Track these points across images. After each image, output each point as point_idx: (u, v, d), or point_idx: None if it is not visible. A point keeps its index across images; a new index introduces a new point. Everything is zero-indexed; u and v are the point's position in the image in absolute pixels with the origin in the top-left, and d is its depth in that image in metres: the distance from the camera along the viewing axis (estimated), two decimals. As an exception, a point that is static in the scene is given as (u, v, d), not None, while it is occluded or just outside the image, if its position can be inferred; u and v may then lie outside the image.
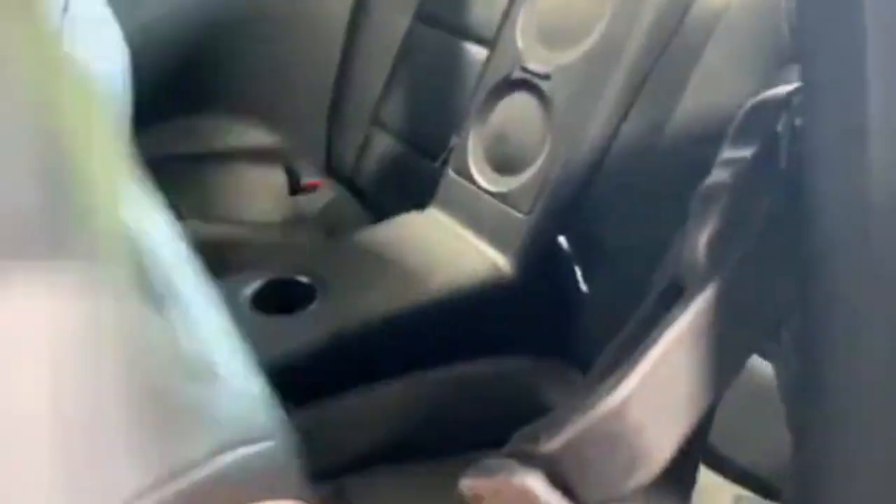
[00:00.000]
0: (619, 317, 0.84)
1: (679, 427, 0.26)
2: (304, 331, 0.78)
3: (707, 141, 0.79)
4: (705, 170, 0.80)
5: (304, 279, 0.84)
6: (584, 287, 0.85)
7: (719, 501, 0.76)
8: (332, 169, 1.35)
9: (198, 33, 1.28)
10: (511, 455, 0.25)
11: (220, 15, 1.29)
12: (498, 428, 0.84)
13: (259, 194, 1.34)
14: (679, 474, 0.27)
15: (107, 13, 0.79)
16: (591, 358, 0.86)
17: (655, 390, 0.26)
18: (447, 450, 0.81)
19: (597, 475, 0.23)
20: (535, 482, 0.23)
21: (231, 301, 0.81)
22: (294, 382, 0.77)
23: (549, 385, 0.87)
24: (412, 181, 1.20)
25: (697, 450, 0.30)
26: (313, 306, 0.81)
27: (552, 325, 0.89)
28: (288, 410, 0.74)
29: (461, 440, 0.82)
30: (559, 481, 0.23)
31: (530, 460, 0.24)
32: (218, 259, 1.21)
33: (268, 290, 0.83)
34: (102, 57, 0.76)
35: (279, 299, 0.82)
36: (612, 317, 0.84)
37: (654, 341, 0.28)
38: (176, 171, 1.27)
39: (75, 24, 0.73)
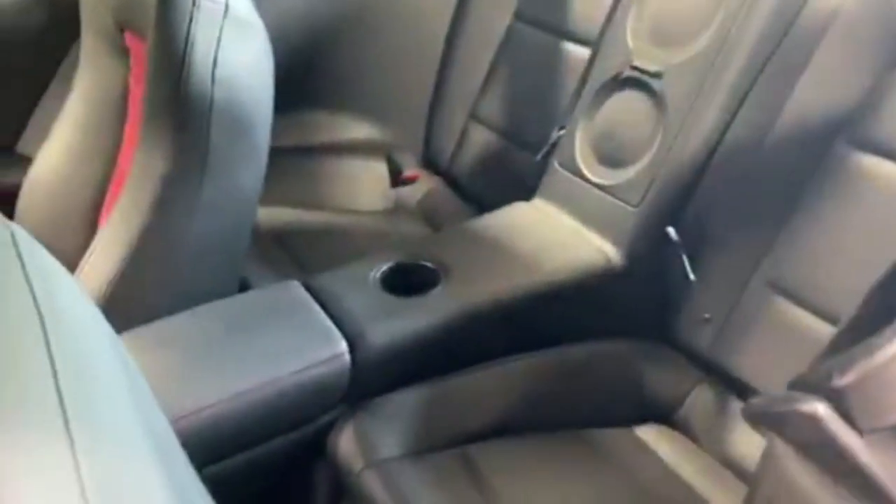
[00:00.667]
0: (724, 303, 0.89)
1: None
2: (433, 312, 0.85)
3: (815, 139, 0.83)
4: (812, 166, 0.83)
5: (428, 264, 0.91)
6: (691, 276, 0.89)
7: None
8: (429, 162, 1.42)
9: (307, 32, 1.36)
10: (795, 388, 0.30)
11: (327, 13, 1.37)
12: (607, 406, 0.90)
13: (363, 185, 1.42)
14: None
15: (254, 13, 0.86)
16: (695, 342, 0.90)
17: None
18: (561, 424, 0.87)
19: (876, 406, 0.28)
20: (822, 408, 0.28)
21: (361, 285, 0.89)
22: (424, 358, 0.84)
23: (653, 367, 0.92)
24: (508, 173, 1.25)
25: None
26: (438, 289, 0.88)
27: (658, 311, 0.93)
28: (418, 382, 0.81)
29: (573, 416, 0.88)
30: (841, 410, 0.28)
31: (815, 392, 0.29)
32: (330, 245, 1.30)
33: (396, 273, 0.90)
34: (255, 61, 0.84)
35: (407, 282, 0.89)
36: (717, 303, 0.88)
37: None
38: (285, 163, 1.36)
39: (234, 27, 0.81)
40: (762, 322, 0.86)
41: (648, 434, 0.89)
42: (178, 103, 0.79)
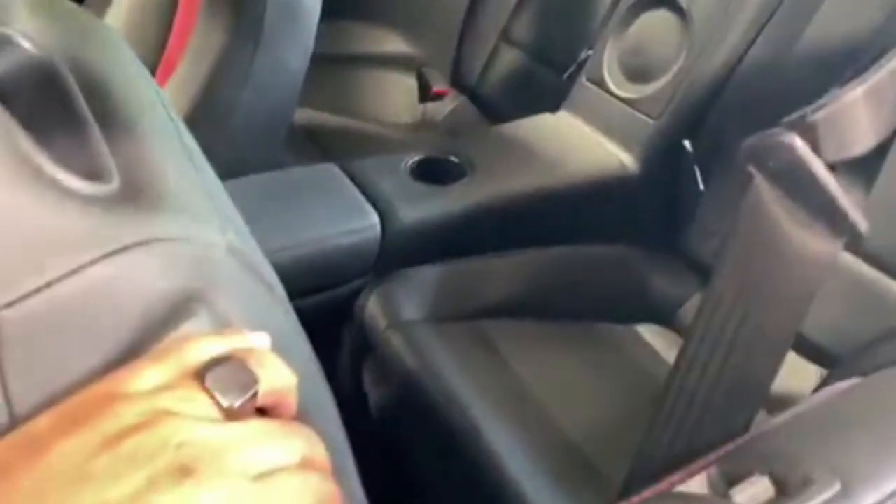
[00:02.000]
0: (730, 215, 0.94)
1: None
2: (457, 200, 0.91)
3: (833, 63, 0.87)
4: (828, 90, 0.88)
5: (455, 159, 0.97)
6: (701, 185, 0.95)
7: (806, 380, 0.86)
8: (457, 79, 1.47)
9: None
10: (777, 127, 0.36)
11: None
12: (611, 303, 0.96)
13: (392, 97, 1.47)
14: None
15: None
16: (701, 253, 0.96)
17: None
18: (567, 314, 0.94)
19: (840, 140, 0.35)
20: (797, 140, 0.35)
21: (393, 172, 0.95)
22: (447, 240, 0.91)
23: (658, 272, 0.99)
24: (535, 93, 1.30)
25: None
26: (464, 181, 0.94)
27: (669, 221, 0.99)
28: (440, 261, 0.88)
29: (579, 308, 0.95)
30: (812, 142, 0.35)
31: (793, 129, 0.36)
32: (357, 146, 1.35)
33: (424, 164, 0.96)
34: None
35: (434, 174, 0.95)
36: (724, 217, 0.94)
37: None
38: (320, 70, 1.41)
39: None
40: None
41: (649, 332, 0.96)
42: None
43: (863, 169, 0.41)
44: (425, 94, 1.46)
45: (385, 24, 1.47)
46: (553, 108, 1.13)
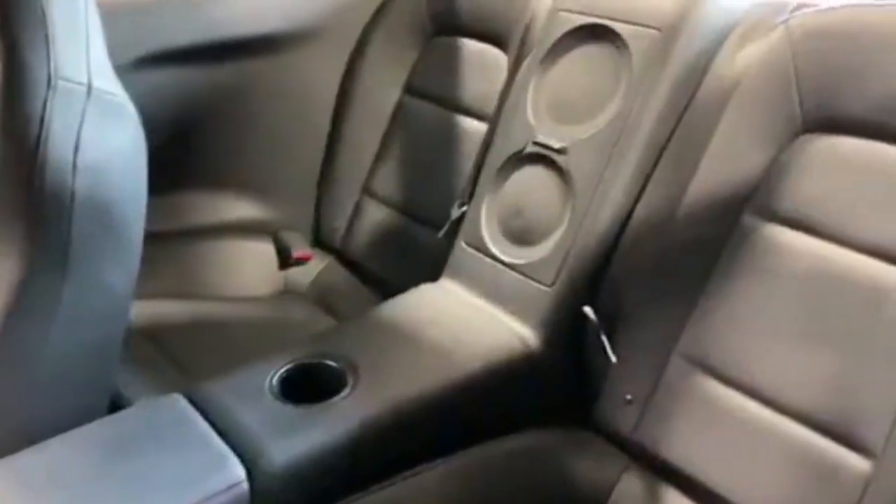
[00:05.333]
0: (645, 383, 0.85)
1: None
2: (339, 420, 0.76)
3: (723, 211, 0.82)
4: (723, 239, 0.82)
5: (332, 363, 0.82)
6: (613, 357, 0.85)
7: None
8: (321, 240, 1.34)
9: (182, 109, 1.26)
10: None
11: (205, 89, 1.27)
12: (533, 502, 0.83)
13: (248, 269, 1.31)
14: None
15: (124, 95, 0.77)
16: (618, 426, 0.86)
17: None
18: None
19: None
20: None
21: (255, 393, 0.78)
22: (331, 477, 0.74)
23: (577, 458, 0.87)
24: (407, 250, 1.19)
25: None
26: (345, 393, 0.79)
27: (580, 395, 0.89)
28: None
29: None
30: None
31: None
32: (215, 340, 1.17)
33: (294, 375, 0.81)
34: (125, 146, 0.74)
35: (308, 386, 0.79)
36: (638, 383, 0.85)
37: None
38: (161, 248, 1.24)
39: (99, 109, 0.71)
40: (684, 399, 0.83)
41: (580, 531, 0.83)
42: (32, 196, 0.67)
43: None
44: (286, 260, 1.32)
45: (233, 188, 1.33)
46: (428, 265, 1.02)
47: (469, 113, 1.14)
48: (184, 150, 1.28)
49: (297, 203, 1.34)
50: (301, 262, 1.31)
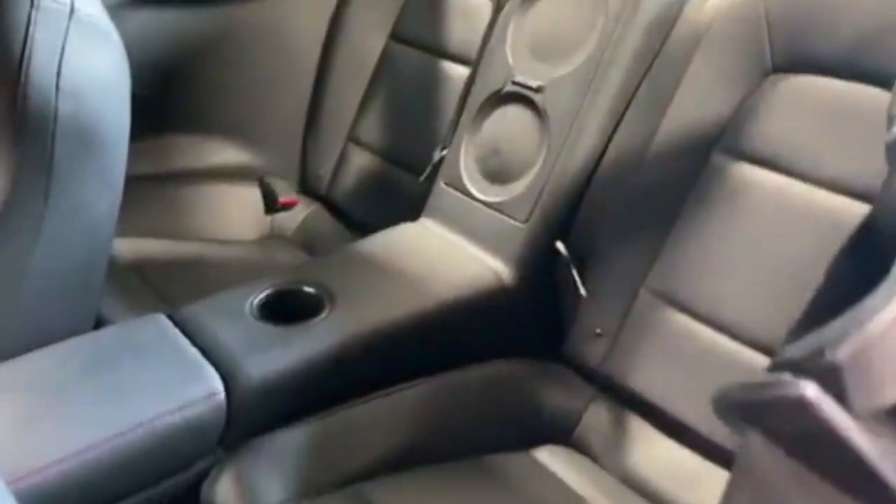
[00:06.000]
0: (614, 316, 0.88)
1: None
2: (314, 341, 0.78)
3: (693, 150, 0.84)
4: (692, 177, 0.84)
5: (310, 289, 0.84)
6: (583, 291, 0.88)
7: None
8: (307, 186, 1.35)
9: (169, 50, 1.27)
10: (775, 370, 0.26)
11: (193, 32, 1.28)
12: (503, 430, 0.86)
13: (234, 213, 1.33)
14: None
15: (108, 22, 0.78)
16: (588, 358, 0.89)
17: None
18: (457, 453, 0.82)
19: (875, 381, 0.25)
20: (812, 390, 0.24)
21: (235, 314, 0.81)
22: (305, 393, 0.77)
23: (547, 387, 0.90)
24: (390, 196, 1.21)
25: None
26: (322, 316, 0.81)
27: (551, 328, 0.91)
28: (300, 421, 0.74)
29: (470, 443, 0.84)
30: (834, 389, 0.24)
31: (801, 372, 0.25)
32: (198, 277, 1.19)
33: (274, 300, 0.83)
34: (108, 71, 0.75)
35: (287, 310, 0.82)
36: (607, 317, 0.87)
37: None
38: (149, 191, 1.25)
39: (82, 32, 0.72)
40: (651, 333, 0.85)
41: (548, 456, 0.86)
42: (15, 116, 0.69)
43: None
44: (272, 205, 1.34)
45: (219, 134, 1.34)
46: (412, 210, 1.04)
47: (454, 59, 1.15)
48: (171, 94, 1.29)
49: (284, 150, 1.35)
50: (287, 207, 1.33)
